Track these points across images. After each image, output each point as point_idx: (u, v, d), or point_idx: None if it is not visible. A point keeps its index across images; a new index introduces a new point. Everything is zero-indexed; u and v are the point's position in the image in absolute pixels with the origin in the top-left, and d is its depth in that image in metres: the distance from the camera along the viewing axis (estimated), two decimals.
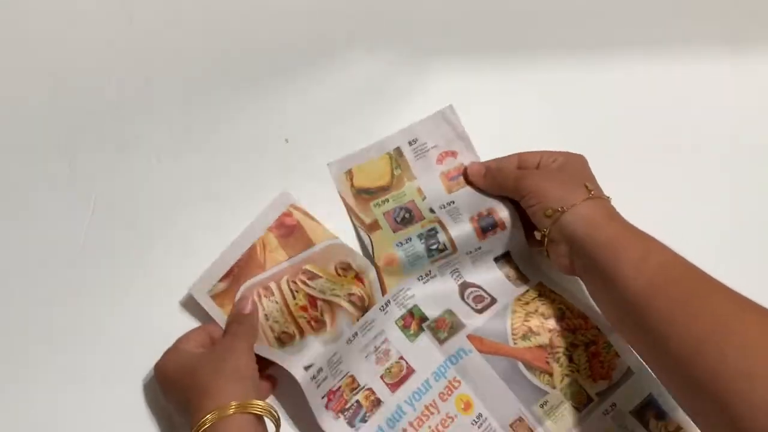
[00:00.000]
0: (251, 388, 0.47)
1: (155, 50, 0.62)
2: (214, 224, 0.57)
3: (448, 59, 0.66)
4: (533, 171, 0.55)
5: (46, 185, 0.58)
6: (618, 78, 0.67)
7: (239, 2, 0.65)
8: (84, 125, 0.60)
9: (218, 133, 0.61)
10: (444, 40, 0.67)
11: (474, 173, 0.58)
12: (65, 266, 0.56)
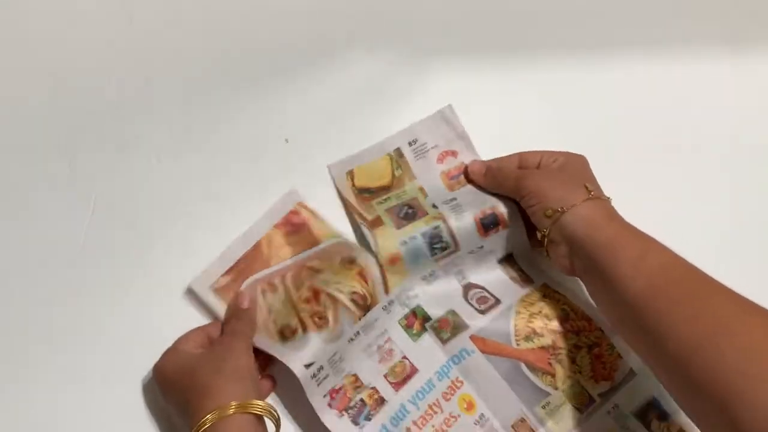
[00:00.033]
0: (251, 388, 0.47)
1: (155, 50, 0.62)
2: (214, 224, 0.57)
3: (448, 59, 0.66)
4: (533, 171, 0.55)
5: (46, 185, 0.58)
6: (618, 78, 0.67)
7: (239, 2, 0.65)
8: (84, 125, 0.60)
9: (218, 133, 0.61)
10: (444, 40, 0.67)
11: (475, 172, 0.58)
12: (65, 266, 0.56)
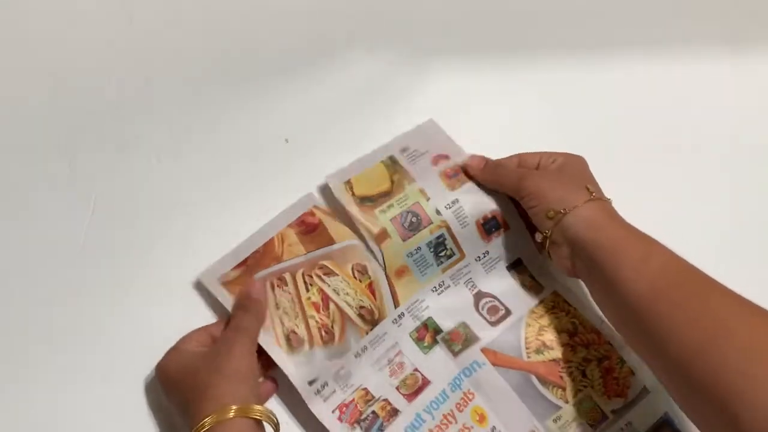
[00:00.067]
0: (251, 391, 0.47)
1: (155, 50, 0.62)
2: (214, 224, 0.57)
3: (448, 59, 0.66)
4: (534, 171, 0.55)
5: (46, 185, 0.58)
6: (618, 78, 0.67)
7: (239, 2, 0.65)
8: (84, 125, 0.60)
9: (218, 133, 0.61)
10: (444, 40, 0.67)
11: (473, 166, 0.58)
12: (65, 266, 0.56)
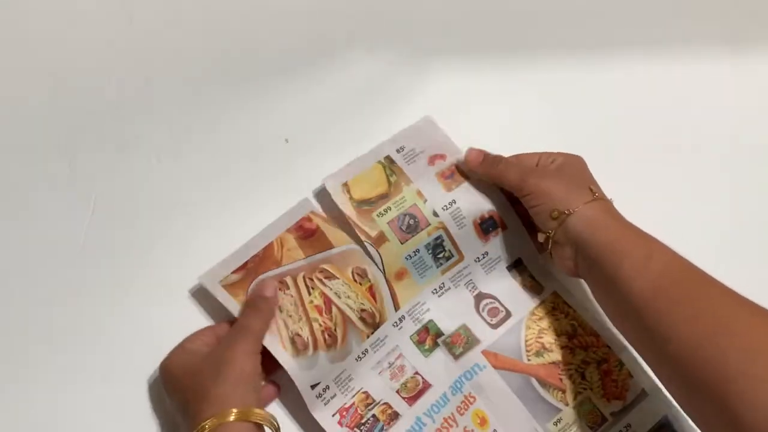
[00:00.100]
0: (252, 395, 0.46)
1: (155, 50, 0.62)
2: (214, 224, 0.57)
3: (448, 59, 0.66)
4: (536, 169, 0.54)
5: (46, 185, 0.58)
6: (618, 78, 0.67)
7: (239, 2, 0.65)
8: (84, 125, 0.60)
9: (218, 133, 0.61)
10: (444, 40, 0.67)
11: (471, 160, 0.57)
12: (65, 266, 0.56)
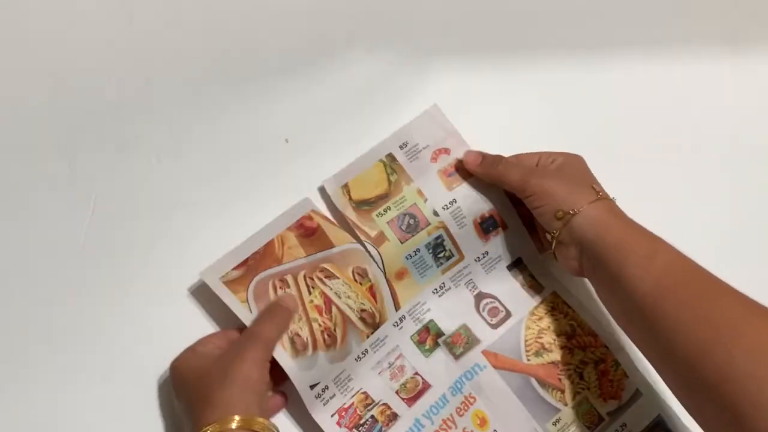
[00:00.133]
0: (256, 403, 0.46)
1: (155, 50, 0.62)
2: (214, 224, 0.57)
3: (448, 59, 0.66)
4: (537, 169, 0.54)
5: (46, 185, 0.58)
6: (618, 78, 0.67)
7: (239, 2, 0.65)
8: (84, 125, 0.60)
9: (218, 133, 0.61)
10: (444, 40, 0.67)
11: (470, 162, 0.57)
12: (65, 266, 0.56)
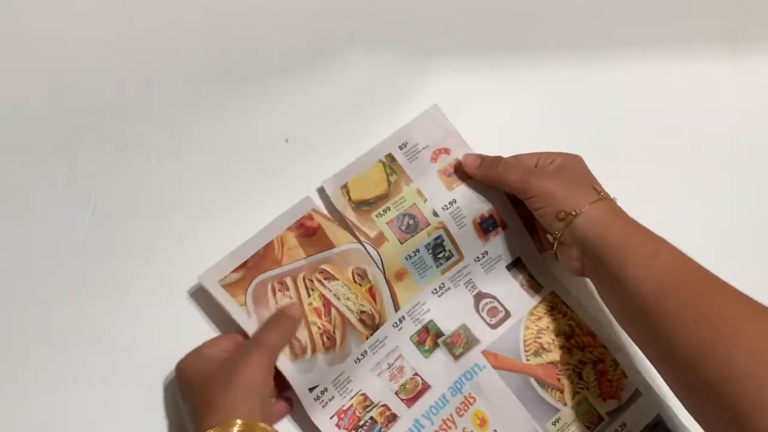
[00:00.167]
0: (260, 406, 0.46)
1: (155, 50, 0.62)
2: (214, 224, 0.57)
3: (448, 59, 0.66)
4: (537, 170, 0.54)
5: (46, 185, 0.58)
6: (618, 78, 0.67)
7: (239, 2, 0.65)
8: (84, 125, 0.60)
9: (218, 133, 0.61)
10: (444, 40, 0.67)
11: (469, 164, 0.57)
12: (65, 266, 0.56)
